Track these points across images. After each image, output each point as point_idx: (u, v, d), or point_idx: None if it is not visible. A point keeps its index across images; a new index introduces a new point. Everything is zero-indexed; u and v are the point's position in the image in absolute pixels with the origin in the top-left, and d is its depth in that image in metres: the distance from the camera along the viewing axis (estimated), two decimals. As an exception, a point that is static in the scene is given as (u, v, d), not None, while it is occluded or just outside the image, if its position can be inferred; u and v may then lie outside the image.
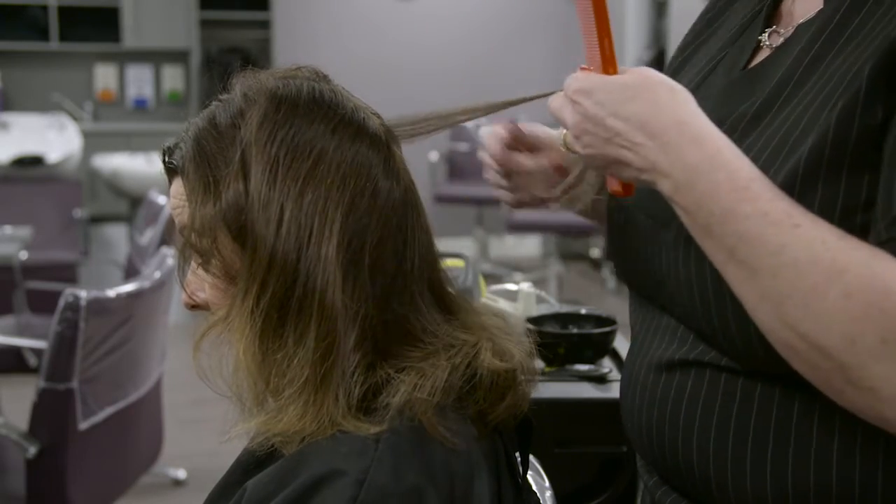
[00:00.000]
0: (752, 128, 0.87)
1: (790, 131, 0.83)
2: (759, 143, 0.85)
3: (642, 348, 0.97)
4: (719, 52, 1.00)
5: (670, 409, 0.91)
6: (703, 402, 0.88)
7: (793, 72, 0.86)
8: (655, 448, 0.93)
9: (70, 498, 2.18)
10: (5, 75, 7.14)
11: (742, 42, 0.98)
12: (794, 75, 0.86)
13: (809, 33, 0.87)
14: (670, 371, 0.91)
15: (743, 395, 0.86)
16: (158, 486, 3.31)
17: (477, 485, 0.82)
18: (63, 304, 2.09)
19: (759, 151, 0.84)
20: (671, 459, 0.92)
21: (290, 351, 0.82)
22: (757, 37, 0.95)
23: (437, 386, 0.83)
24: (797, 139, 0.81)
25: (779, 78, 0.87)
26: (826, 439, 0.82)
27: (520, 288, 1.85)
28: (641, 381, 0.95)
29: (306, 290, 0.82)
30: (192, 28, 7.17)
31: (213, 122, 0.87)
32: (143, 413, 2.54)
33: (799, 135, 0.81)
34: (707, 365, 0.88)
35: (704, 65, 1.00)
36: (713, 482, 0.88)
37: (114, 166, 6.33)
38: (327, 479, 0.76)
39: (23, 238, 4.08)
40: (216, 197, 0.85)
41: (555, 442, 1.47)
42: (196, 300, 0.91)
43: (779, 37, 0.93)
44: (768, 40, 0.94)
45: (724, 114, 0.89)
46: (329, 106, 0.87)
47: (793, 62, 0.87)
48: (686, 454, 0.90)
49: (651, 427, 0.93)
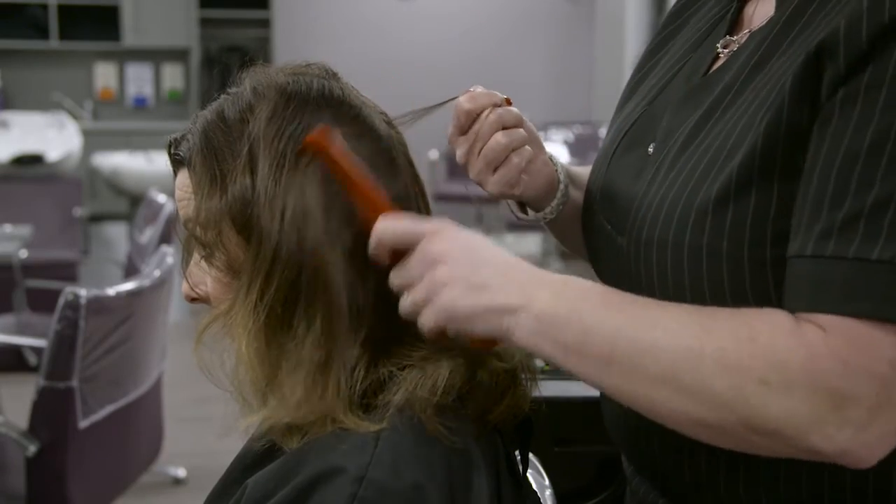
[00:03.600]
0: (693, 138, 0.87)
1: (724, 141, 0.82)
2: (696, 153, 0.85)
3: None
4: (678, 61, 0.99)
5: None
6: None
7: (735, 79, 0.86)
8: (637, 452, 0.95)
9: (70, 496, 2.18)
10: (5, 74, 7.14)
11: (702, 50, 0.97)
12: (736, 83, 0.86)
13: (757, 38, 0.87)
14: None
15: None
16: (158, 484, 3.31)
17: (476, 483, 0.82)
18: (63, 303, 2.09)
19: (696, 161, 0.84)
20: (651, 463, 0.93)
21: (293, 346, 0.82)
22: (716, 44, 0.95)
23: (438, 385, 0.83)
24: (731, 148, 0.81)
25: (722, 86, 0.87)
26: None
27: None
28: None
29: (310, 285, 0.82)
30: (191, 27, 7.17)
31: (222, 116, 0.87)
32: (143, 412, 2.54)
33: (732, 145, 0.81)
34: None
35: (664, 73, 1.00)
36: (697, 486, 0.89)
37: (114, 165, 6.33)
38: (327, 477, 0.76)
39: (22, 237, 4.08)
40: (223, 190, 0.85)
41: (554, 440, 1.47)
42: (198, 293, 0.91)
43: (735, 44, 0.93)
44: (724, 48, 0.94)
45: (676, 124, 0.90)
46: (338, 104, 0.87)
47: (737, 69, 0.87)
48: (665, 459, 0.91)
49: (633, 431, 0.95)
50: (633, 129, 0.99)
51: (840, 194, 0.73)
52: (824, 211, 0.73)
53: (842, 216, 0.72)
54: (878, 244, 0.71)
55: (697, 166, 0.84)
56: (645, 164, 0.92)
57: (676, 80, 0.98)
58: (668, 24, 1.08)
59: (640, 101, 1.01)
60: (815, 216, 0.74)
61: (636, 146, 0.96)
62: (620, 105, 1.07)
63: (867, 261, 0.71)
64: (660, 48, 1.05)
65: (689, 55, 0.99)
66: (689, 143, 0.87)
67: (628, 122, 1.00)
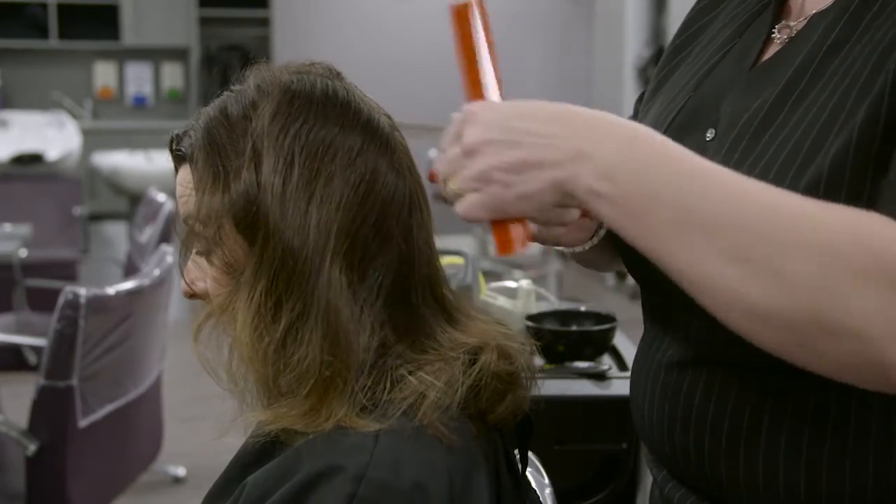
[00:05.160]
0: (768, 123, 0.82)
1: (808, 130, 0.78)
2: (775, 141, 0.81)
3: (653, 345, 0.96)
4: (720, 48, 0.96)
5: (682, 405, 0.89)
6: (715, 398, 0.87)
7: (808, 63, 0.81)
8: (666, 444, 0.93)
9: (70, 496, 2.18)
10: (5, 73, 7.14)
11: (749, 36, 0.93)
12: (811, 66, 0.81)
13: (826, 21, 0.83)
14: (683, 368, 0.90)
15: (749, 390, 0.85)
16: (158, 483, 3.31)
17: (476, 482, 0.82)
18: (63, 302, 2.09)
19: (776, 151, 0.80)
20: (682, 455, 0.91)
21: (296, 346, 0.82)
22: (766, 31, 0.91)
23: (442, 388, 0.83)
24: (817, 139, 0.77)
25: (794, 69, 0.82)
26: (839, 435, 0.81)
27: (519, 285, 1.85)
28: (653, 377, 0.94)
29: (315, 284, 0.82)
30: (191, 25, 7.17)
31: (225, 113, 0.87)
32: (142, 411, 2.54)
33: (817, 135, 0.77)
34: (718, 363, 0.87)
35: (705, 62, 0.97)
36: (725, 478, 0.87)
37: (113, 164, 6.33)
38: (325, 476, 0.76)
39: (22, 236, 4.07)
40: (225, 186, 0.85)
41: (554, 439, 1.47)
42: (195, 290, 0.91)
43: (790, 30, 0.89)
44: (779, 34, 0.90)
45: (740, 108, 0.86)
46: (342, 103, 0.87)
47: (808, 53, 0.82)
48: (698, 451, 0.89)
49: (662, 423, 0.92)
50: (682, 116, 0.94)
51: None
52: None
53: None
54: None
55: (777, 156, 0.79)
56: (705, 149, 0.86)
57: (722, 66, 0.94)
58: (695, 20, 1.04)
59: (681, 90, 0.97)
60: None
61: (690, 132, 0.91)
62: (649, 97, 1.04)
63: None
64: (689, 42, 1.02)
65: (731, 41, 0.95)
66: (763, 129, 0.82)
67: (673, 109, 0.95)
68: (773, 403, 0.84)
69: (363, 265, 0.84)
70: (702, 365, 0.89)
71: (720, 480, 0.88)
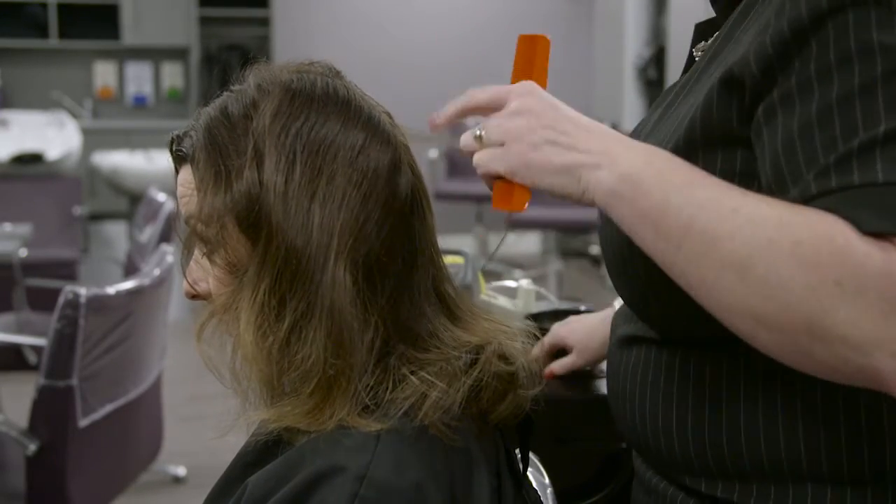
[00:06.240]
0: (652, 132, 0.94)
1: (681, 122, 0.87)
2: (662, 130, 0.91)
3: (613, 327, 1.03)
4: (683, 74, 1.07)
5: (622, 381, 0.97)
6: (641, 373, 0.94)
7: (688, 81, 0.93)
8: (620, 419, 0.99)
9: (70, 495, 2.18)
10: (5, 73, 7.13)
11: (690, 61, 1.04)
12: (689, 84, 0.92)
13: (710, 44, 0.93)
14: (625, 346, 0.97)
15: (672, 365, 0.90)
16: (158, 483, 3.31)
17: (477, 482, 0.83)
18: (63, 302, 2.09)
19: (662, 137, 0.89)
20: (632, 430, 0.96)
21: (300, 345, 0.82)
22: (689, 51, 1.01)
23: (444, 388, 0.83)
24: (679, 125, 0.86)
25: (679, 86, 0.95)
26: (753, 404, 0.86)
27: (519, 284, 1.85)
28: (609, 358, 1.02)
29: (319, 282, 0.82)
30: (191, 25, 7.17)
31: (226, 112, 0.87)
32: (142, 410, 2.54)
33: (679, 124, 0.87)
34: (645, 340, 0.94)
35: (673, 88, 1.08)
36: (662, 448, 0.91)
37: (113, 164, 6.33)
38: (327, 476, 0.76)
39: (22, 235, 4.07)
40: (227, 186, 0.84)
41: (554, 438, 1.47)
42: (198, 290, 0.91)
43: (705, 49, 0.98)
44: (697, 53, 1.00)
45: (652, 121, 0.98)
46: (343, 102, 0.87)
47: (691, 73, 0.94)
48: (641, 424, 0.94)
49: (615, 399, 0.99)
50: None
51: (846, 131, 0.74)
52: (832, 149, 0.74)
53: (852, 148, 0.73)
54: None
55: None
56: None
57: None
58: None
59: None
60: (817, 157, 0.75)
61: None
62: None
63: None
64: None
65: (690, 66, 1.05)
66: (651, 134, 0.93)
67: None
68: (695, 374, 0.89)
69: (367, 263, 0.84)
70: (637, 342, 0.95)
71: (659, 451, 0.92)
